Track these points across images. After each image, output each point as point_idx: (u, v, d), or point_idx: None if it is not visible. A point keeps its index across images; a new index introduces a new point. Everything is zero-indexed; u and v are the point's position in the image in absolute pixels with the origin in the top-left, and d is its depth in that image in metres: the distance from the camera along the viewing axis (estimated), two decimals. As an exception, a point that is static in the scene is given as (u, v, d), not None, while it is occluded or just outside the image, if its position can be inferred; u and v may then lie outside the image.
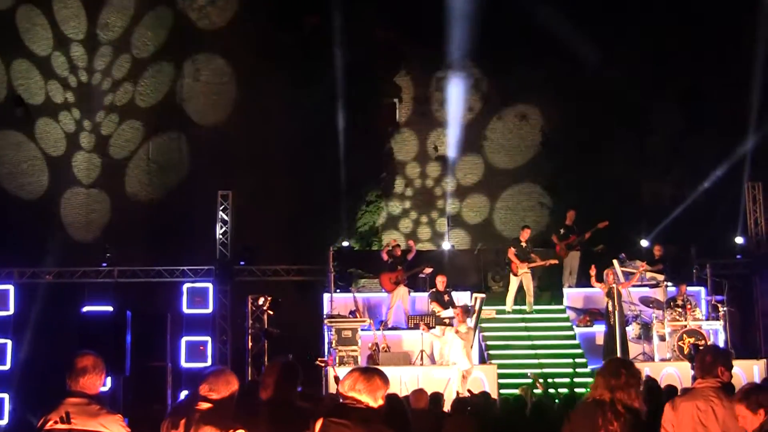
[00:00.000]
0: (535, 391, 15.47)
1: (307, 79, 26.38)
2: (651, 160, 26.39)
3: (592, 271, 19.89)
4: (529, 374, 17.58)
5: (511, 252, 21.68)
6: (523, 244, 21.75)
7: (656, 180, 26.35)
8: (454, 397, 13.59)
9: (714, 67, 25.71)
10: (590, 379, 10.64)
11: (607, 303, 19.48)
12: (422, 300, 21.18)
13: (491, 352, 20.42)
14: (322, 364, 19.38)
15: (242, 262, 23.20)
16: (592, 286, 20.13)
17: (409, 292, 21.40)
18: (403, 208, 27.93)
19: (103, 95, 27.24)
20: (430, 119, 28.10)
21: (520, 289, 21.61)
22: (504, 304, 21.60)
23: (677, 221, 24.46)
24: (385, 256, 21.58)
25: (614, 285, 19.33)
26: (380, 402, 6.19)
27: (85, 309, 20.97)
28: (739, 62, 25.24)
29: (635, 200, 26.02)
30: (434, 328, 19.53)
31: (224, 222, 22.93)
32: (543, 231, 26.19)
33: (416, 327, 19.64)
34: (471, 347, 18.54)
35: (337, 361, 19.08)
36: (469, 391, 15.62)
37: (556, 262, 22.12)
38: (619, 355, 18.65)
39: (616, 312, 19.20)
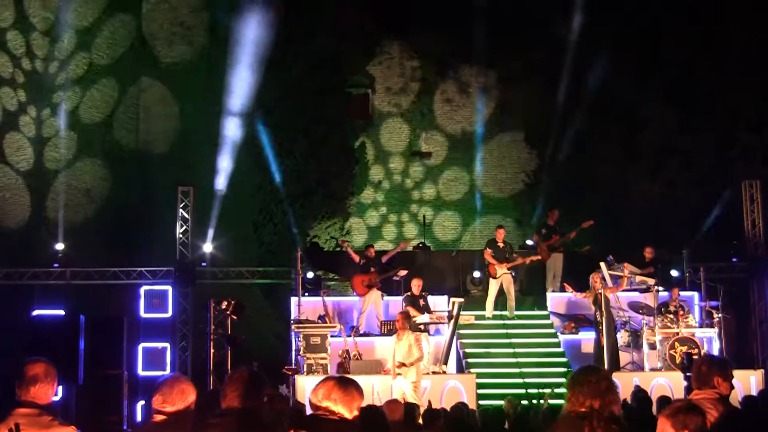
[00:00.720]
0: (523, 402, 15.42)
1: (271, 66, 26.31)
2: (641, 157, 26.51)
3: (568, 289, 20.09)
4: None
5: (488, 253, 21.70)
6: (500, 245, 21.78)
7: (646, 178, 26.46)
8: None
9: (707, 60, 25.84)
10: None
11: (595, 310, 19.53)
12: (396, 304, 21.13)
13: (470, 360, 20.41)
14: (290, 373, 19.33)
15: (204, 264, 23.10)
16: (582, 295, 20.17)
17: (383, 296, 21.37)
18: (376, 207, 27.92)
19: (54, 77, 27.04)
20: (406, 111, 28.11)
21: (501, 293, 21.63)
22: (484, 309, 21.61)
23: (669, 221, 24.57)
24: (355, 258, 21.56)
25: (601, 290, 19.40)
26: (355, 413, 6.16)
27: (36, 313, 20.79)
28: (733, 54, 25.41)
29: (624, 199, 26.12)
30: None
31: (184, 220, 22.81)
32: (525, 232, 26.30)
33: (390, 333, 19.59)
34: (415, 357, 17.91)
35: (306, 369, 19.01)
36: (429, 402, 15.43)
37: (539, 258, 22.17)
38: (607, 365, 18.73)
39: (604, 319, 19.24)
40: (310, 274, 22.22)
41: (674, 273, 22.69)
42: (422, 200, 27.87)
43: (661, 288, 20.92)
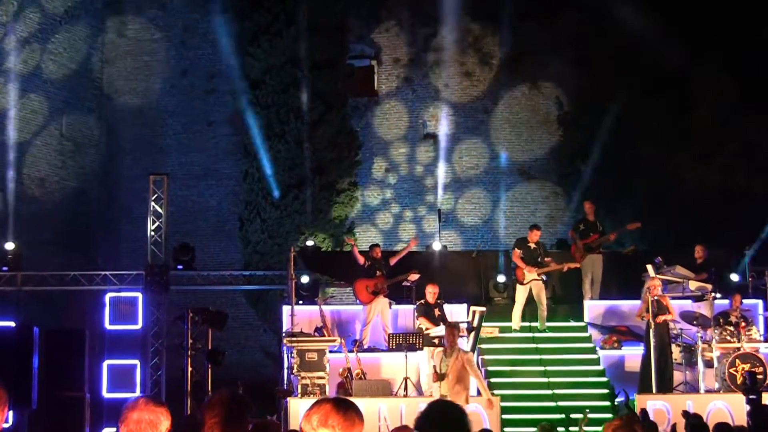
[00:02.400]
0: (558, 429, 15.37)
1: (259, 34, 26.28)
2: (695, 140, 26.45)
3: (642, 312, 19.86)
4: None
5: (516, 255, 21.61)
6: (532, 246, 21.70)
7: (702, 164, 26.40)
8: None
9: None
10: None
11: (649, 321, 19.44)
12: (407, 314, 21.08)
13: (493, 380, 20.30)
14: (281, 395, 19.30)
15: (180, 266, 23.06)
16: (639, 318, 20.02)
17: (391, 304, 21.32)
18: (383, 199, 27.89)
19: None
20: (418, 87, 28.10)
21: (530, 301, 21.54)
22: (509, 320, 21.56)
23: (728, 216, 24.51)
24: (360, 259, 21.51)
25: (656, 297, 19.35)
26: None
27: (-21, 325, 20.79)
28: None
29: (675, 189, 26.05)
30: (422, 349, 19.48)
31: (157, 215, 22.78)
32: (557, 230, 26.26)
33: (399, 348, 19.57)
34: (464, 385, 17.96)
35: (300, 390, 18.99)
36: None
37: (577, 265, 22.07)
38: (655, 387, 18.69)
39: (653, 330, 19.21)
40: (305, 279, 22.18)
41: (734, 277, 22.59)
42: (434, 185, 27.87)
43: (719, 295, 20.82)
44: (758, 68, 26.04)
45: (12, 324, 20.62)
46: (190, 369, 20.88)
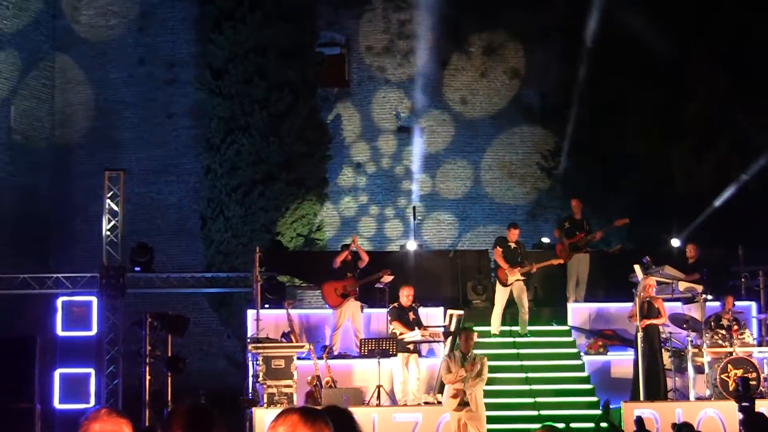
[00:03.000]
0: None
1: (222, 20, 26.21)
2: (686, 133, 26.52)
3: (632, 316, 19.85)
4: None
5: (498, 253, 21.65)
6: (512, 245, 21.74)
7: (692, 159, 26.48)
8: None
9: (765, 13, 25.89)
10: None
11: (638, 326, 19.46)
12: (380, 318, 21.09)
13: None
14: (246, 405, 19.27)
15: (137, 268, 22.98)
16: (630, 318, 20.03)
17: (362, 307, 21.32)
18: (356, 196, 27.87)
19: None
20: (392, 77, 28.08)
21: (511, 304, 21.60)
22: (488, 324, 21.59)
23: (720, 213, 24.59)
24: (338, 261, 21.38)
25: (649, 299, 19.39)
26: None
27: None
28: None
29: (664, 185, 26.13)
30: (395, 356, 19.51)
31: (113, 214, 22.70)
32: (539, 228, 26.32)
33: (371, 355, 19.58)
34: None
35: (266, 400, 18.97)
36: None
37: (563, 261, 22.16)
38: (642, 394, 18.75)
39: (640, 334, 19.25)
40: (271, 281, 22.15)
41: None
42: (411, 183, 27.86)
43: (710, 297, 20.89)
44: (752, 61, 26.15)
45: (-44, 330, 20.55)
46: (148, 378, 20.78)
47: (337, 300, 21.06)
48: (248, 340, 20.58)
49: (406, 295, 20.06)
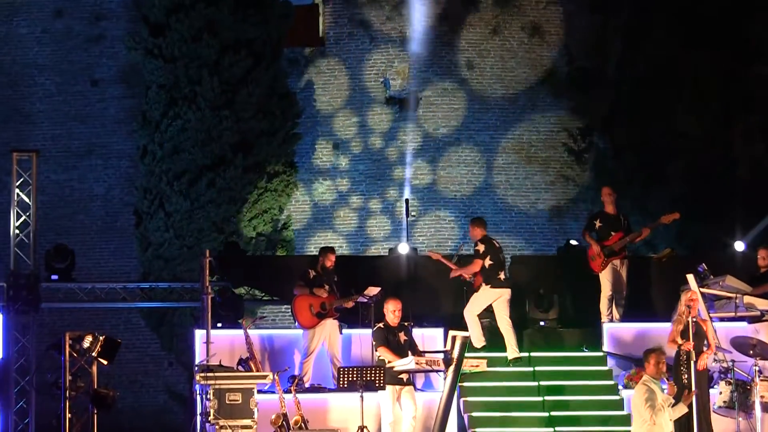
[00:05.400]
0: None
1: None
2: (751, 107, 26.65)
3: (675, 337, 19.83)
4: None
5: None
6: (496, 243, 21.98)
7: (760, 142, 26.61)
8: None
9: None
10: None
11: (679, 349, 19.51)
12: (363, 341, 21.11)
13: (480, 429, 20.48)
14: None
15: (54, 277, 23.03)
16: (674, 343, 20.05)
17: (341, 327, 21.32)
18: (332, 186, 27.97)
19: None
20: (378, 34, 28.18)
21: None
22: (500, 350, 21.59)
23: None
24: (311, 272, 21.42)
25: (695, 318, 19.39)
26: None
27: None
28: None
29: (725, 175, 26.25)
30: (383, 389, 19.53)
31: (24, 207, 22.77)
32: (566, 227, 26.47)
33: (352, 387, 19.58)
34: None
35: (217, 445, 19.06)
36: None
37: (598, 269, 22.12)
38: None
39: (691, 364, 19.30)
40: (225, 294, 22.22)
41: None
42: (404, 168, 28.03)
43: (783, 315, 21.02)
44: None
45: None
46: (68, 416, 20.83)
47: (311, 320, 20.98)
48: (195, 369, 20.60)
49: (392, 311, 19.89)
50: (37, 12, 28.12)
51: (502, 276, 21.51)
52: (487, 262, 21.38)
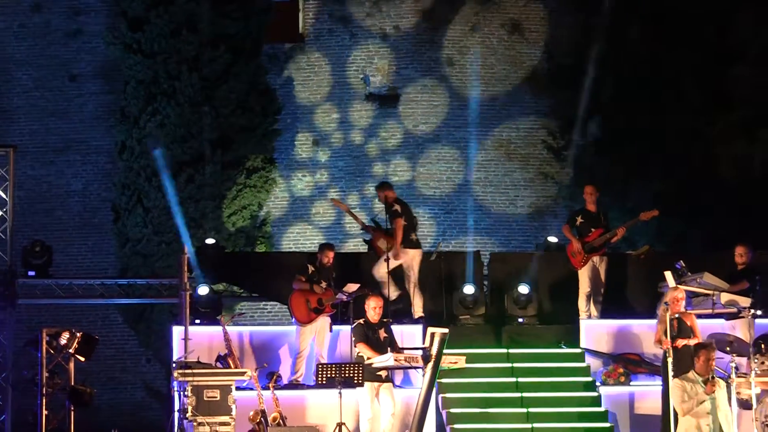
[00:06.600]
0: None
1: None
2: (732, 104, 26.71)
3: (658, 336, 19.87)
4: None
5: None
6: None
7: (740, 138, 26.67)
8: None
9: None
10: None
11: (668, 349, 19.53)
12: (342, 338, 21.14)
13: (459, 426, 20.53)
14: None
15: (31, 273, 23.02)
16: (659, 344, 20.07)
17: (331, 325, 21.22)
18: (312, 181, 27.99)
19: None
20: (358, 30, 28.19)
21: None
22: (480, 346, 21.63)
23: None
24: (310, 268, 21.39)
25: (677, 315, 19.47)
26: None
27: None
28: None
29: (705, 171, 26.31)
30: (362, 385, 19.54)
31: (1, 203, 22.76)
32: (546, 223, 26.54)
33: (330, 384, 19.54)
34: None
35: (196, 441, 19.07)
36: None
37: (579, 266, 22.21)
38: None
39: (670, 360, 19.34)
40: (203, 290, 22.22)
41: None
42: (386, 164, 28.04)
43: (759, 312, 21.02)
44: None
45: None
46: (45, 413, 20.84)
47: (307, 315, 20.89)
48: (173, 365, 20.60)
49: (372, 308, 19.92)
50: (14, 6, 28.06)
51: (414, 237, 21.85)
52: (401, 222, 21.61)
